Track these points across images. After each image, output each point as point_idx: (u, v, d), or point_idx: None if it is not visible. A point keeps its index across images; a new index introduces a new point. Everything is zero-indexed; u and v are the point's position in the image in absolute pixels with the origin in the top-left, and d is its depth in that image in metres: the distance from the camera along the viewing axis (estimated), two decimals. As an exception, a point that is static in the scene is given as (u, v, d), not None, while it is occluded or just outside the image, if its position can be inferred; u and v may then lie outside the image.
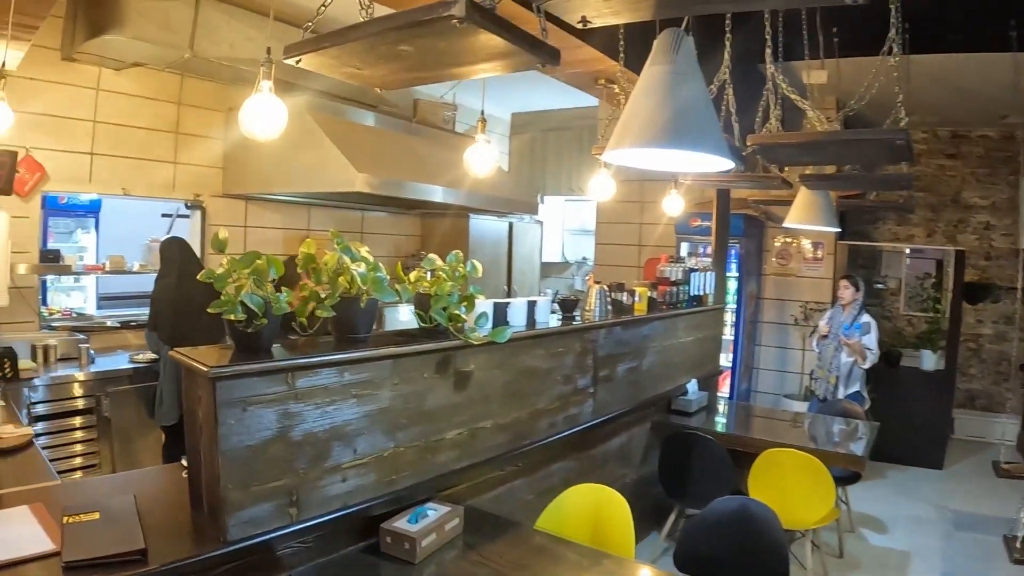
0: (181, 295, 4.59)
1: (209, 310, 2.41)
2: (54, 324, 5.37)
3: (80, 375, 4.70)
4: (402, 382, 2.78)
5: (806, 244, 7.75)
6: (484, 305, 3.24)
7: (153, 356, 4.94)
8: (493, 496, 3.38)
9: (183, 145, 5.87)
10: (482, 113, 3.48)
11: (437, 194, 6.20)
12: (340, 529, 2.61)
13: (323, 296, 2.67)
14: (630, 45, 3.87)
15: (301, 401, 2.44)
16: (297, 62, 2.61)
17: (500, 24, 2.09)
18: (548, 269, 9.86)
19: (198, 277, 2.51)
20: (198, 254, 5.94)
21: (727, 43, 3.67)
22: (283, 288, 2.49)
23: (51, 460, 4.37)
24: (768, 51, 3.73)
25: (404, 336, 2.98)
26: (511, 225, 8.50)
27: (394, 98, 6.85)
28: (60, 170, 5.19)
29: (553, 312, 3.99)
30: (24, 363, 4.50)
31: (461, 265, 3.05)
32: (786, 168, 4.90)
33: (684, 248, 7.84)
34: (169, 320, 4.63)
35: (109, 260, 5.67)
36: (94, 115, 5.35)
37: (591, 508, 3.12)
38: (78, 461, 4.61)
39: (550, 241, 9.88)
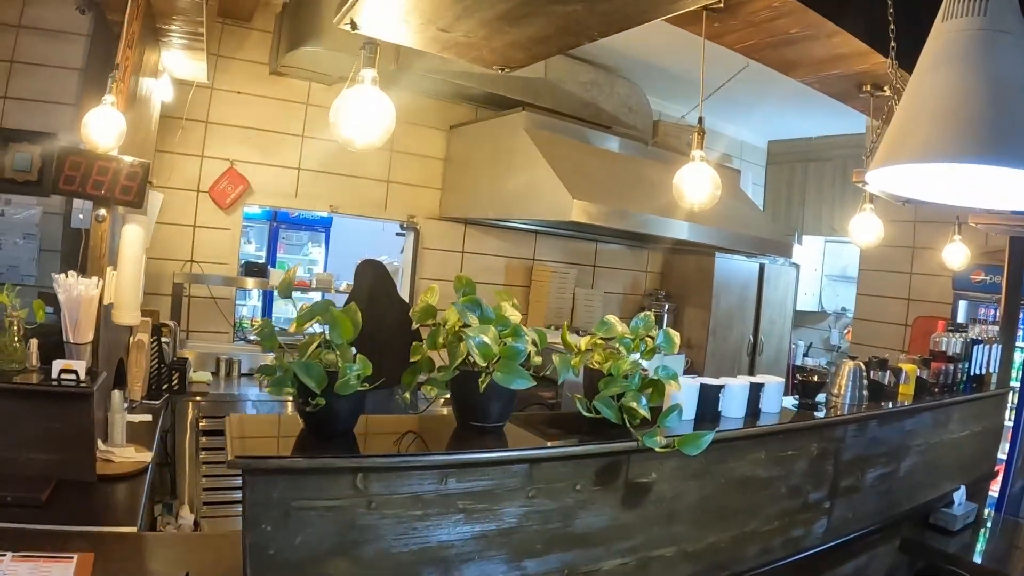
0: (368, 320, 4.02)
1: (258, 379, 1.73)
2: (251, 337, 5.03)
3: (255, 393, 4.26)
4: (540, 494, 1.90)
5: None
6: (683, 391, 2.27)
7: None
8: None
9: (398, 163, 5.43)
10: (700, 121, 2.54)
11: (671, 228, 5.22)
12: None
13: (437, 367, 1.89)
14: (904, 32, 2.58)
15: (376, 512, 1.67)
16: (353, 28, 1.85)
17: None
18: (801, 318, 8.47)
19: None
20: (408, 279, 5.44)
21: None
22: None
23: (213, 477, 4.03)
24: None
25: (555, 426, 2.11)
26: (762, 267, 7.25)
27: (632, 119, 5.99)
28: (266, 184, 4.94)
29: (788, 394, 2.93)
30: (199, 375, 4.18)
31: (650, 334, 2.11)
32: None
33: (961, 307, 6.20)
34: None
35: (316, 277, 5.30)
36: (302, 130, 5.05)
37: None
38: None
39: (806, 287, 8.48)
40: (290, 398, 1.73)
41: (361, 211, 5.35)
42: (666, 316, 6.76)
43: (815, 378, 2.97)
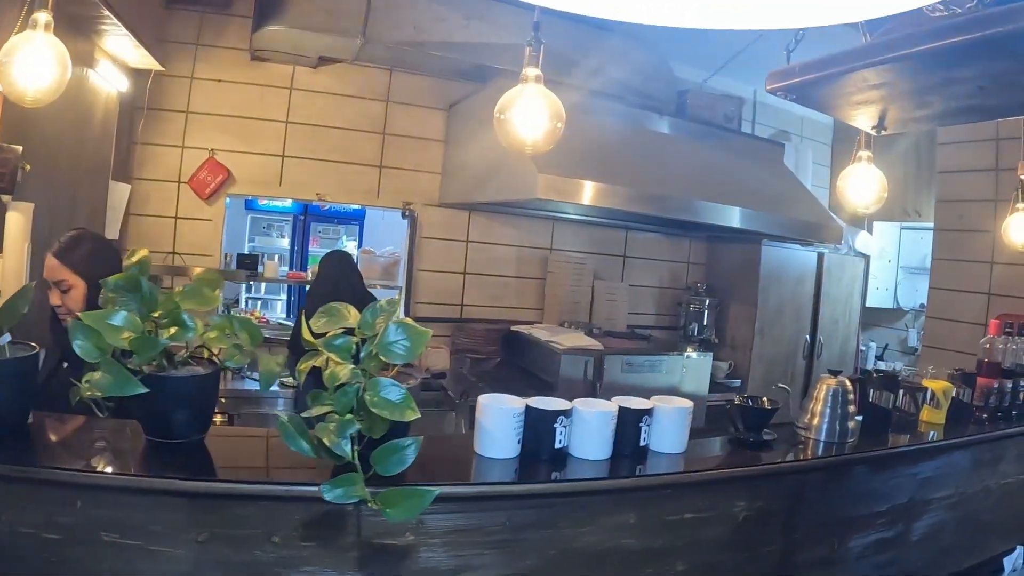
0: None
1: None
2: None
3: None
4: (215, 540, 1.37)
5: None
6: (495, 410, 1.67)
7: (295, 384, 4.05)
8: None
9: (392, 147, 4.99)
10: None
11: (674, 206, 4.45)
12: None
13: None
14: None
15: None
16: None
17: None
18: (875, 317, 7.36)
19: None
20: (405, 272, 5.00)
21: None
22: None
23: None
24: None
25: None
26: (821, 257, 6.25)
27: (650, 88, 5.24)
28: (248, 173, 4.64)
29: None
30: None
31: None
32: None
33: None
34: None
35: (311, 269, 4.93)
36: (286, 115, 4.70)
37: None
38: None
39: (879, 281, 7.36)
40: None
41: (351, 199, 4.99)
42: (707, 312, 5.95)
43: (765, 406, 2.16)
